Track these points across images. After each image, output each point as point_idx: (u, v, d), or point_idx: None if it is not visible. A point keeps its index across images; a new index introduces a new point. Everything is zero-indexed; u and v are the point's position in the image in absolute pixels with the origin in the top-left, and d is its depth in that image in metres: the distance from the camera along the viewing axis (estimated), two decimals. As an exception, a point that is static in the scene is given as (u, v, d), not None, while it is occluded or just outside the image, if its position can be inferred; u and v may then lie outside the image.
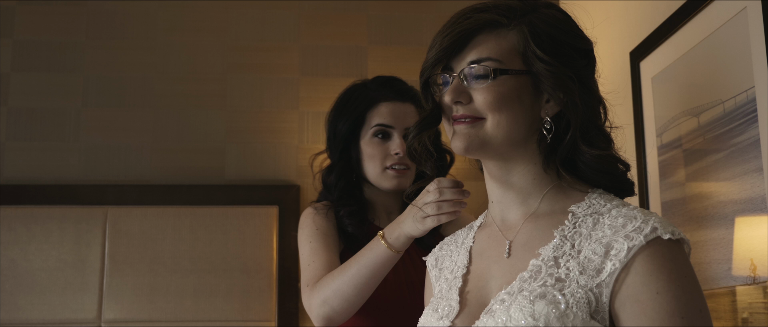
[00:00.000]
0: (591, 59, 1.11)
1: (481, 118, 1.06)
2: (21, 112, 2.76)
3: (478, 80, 1.06)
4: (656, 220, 0.99)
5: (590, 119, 1.07)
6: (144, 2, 2.86)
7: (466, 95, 1.06)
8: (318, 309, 1.59)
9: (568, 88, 1.05)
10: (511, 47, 1.06)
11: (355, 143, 1.79)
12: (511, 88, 1.05)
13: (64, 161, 2.74)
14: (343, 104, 1.82)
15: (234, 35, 2.88)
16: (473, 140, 1.06)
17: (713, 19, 1.66)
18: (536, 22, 1.07)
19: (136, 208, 2.66)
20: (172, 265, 2.62)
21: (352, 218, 1.74)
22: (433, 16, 2.88)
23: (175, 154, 2.78)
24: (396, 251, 1.51)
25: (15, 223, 2.61)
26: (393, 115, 1.75)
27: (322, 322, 1.61)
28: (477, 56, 1.06)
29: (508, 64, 1.05)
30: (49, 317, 2.56)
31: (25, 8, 2.81)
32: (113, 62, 2.82)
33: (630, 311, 0.95)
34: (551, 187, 1.09)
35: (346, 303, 1.57)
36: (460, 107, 1.07)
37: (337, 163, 1.80)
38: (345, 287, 1.55)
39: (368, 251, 1.55)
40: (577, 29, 1.11)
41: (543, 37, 1.06)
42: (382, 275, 1.56)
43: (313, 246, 1.71)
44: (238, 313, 2.60)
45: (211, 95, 2.83)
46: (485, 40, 1.07)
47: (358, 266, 1.55)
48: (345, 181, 1.79)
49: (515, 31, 1.07)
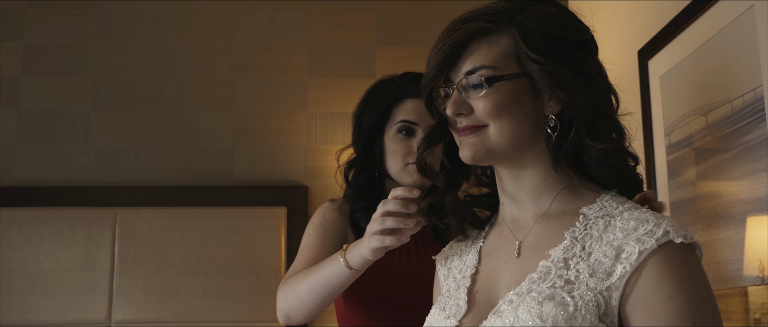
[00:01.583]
0: (590, 49, 1.09)
1: (484, 125, 1.06)
2: (31, 114, 2.77)
3: (475, 90, 1.05)
4: (669, 223, 0.97)
5: (595, 112, 1.05)
6: (152, 5, 2.87)
7: (466, 106, 1.06)
8: (280, 304, 1.58)
9: (567, 85, 1.03)
10: (504, 52, 1.05)
11: (379, 138, 1.77)
12: (508, 93, 1.04)
13: (74, 163, 2.75)
14: (370, 98, 1.80)
15: (242, 37, 2.88)
16: (479, 149, 1.06)
17: (721, 18, 1.66)
18: (526, 21, 1.05)
19: (145, 209, 2.67)
20: (181, 266, 2.63)
21: (366, 213, 1.71)
22: (441, 16, 2.87)
23: (184, 155, 2.79)
24: (353, 269, 1.44)
25: (26, 224, 2.62)
26: (418, 112, 1.73)
27: (282, 318, 1.59)
28: (471, 66, 1.06)
29: (502, 69, 1.04)
30: (60, 318, 2.57)
31: (35, 11, 2.83)
32: (122, 64, 2.83)
33: (640, 315, 0.94)
34: (563, 187, 1.08)
35: (302, 307, 1.54)
36: (463, 119, 1.07)
37: (359, 157, 1.79)
38: (302, 291, 1.53)
39: (328, 263, 1.50)
40: (571, 20, 1.09)
41: (535, 36, 1.04)
42: (339, 289, 1.51)
43: (310, 240, 1.69)
44: (246, 314, 2.61)
45: (219, 97, 2.84)
46: (477, 49, 1.06)
47: (316, 275, 1.51)
48: (366, 175, 1.77)
49: (506, 35, 1.06)
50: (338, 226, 1.72)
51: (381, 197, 1.77)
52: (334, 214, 1.73)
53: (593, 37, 1.11)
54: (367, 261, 1.42)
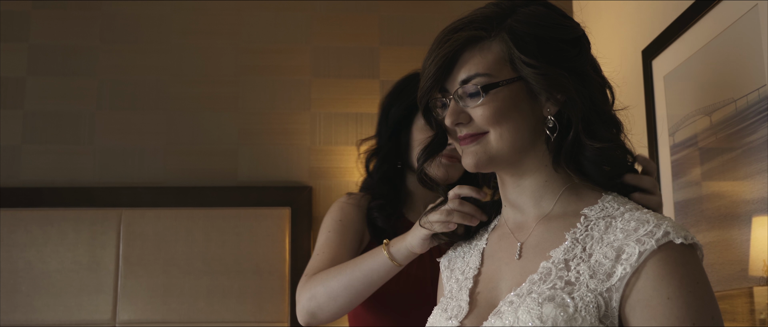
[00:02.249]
0: (583, 45, 1.08)
1: (484, 132, 1.06)
2: (37, 115, 2.78)
3: (472, 98, 1.05)
4: (669, 224, 0.97)
5: (592, 109, 1.05)
6: (157, 6, 2.88)
7: (464, 115, 1.06)
8: (305, 302, 1.55)
9: (562, 86, 1.03)
10: (497, 58, 1.04)
11: (406, 129, 1.75)
12: (505, 99, 1.04)
13: (79, 164, 2.76)
14: (400, 89, 1.79)
15: (246, 37, 2.89)
16: (481, 157, 1.06)
17: (725, 17, 1.65)
18: (516, 25, 1.05)
19: (149, 210, 2.68)
20: (186, 267, 2.64)
21: (382, 211, 1.70)
22: (445, 16, 2.86)
23: (189, 156, 2.80)
24: (397, 263, 1.45)
25: (31, 225, 2.63)
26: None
27: (306, 317, 1.56)
28: (466, 75, 1.05)
29: (497, 75, 1.04)
30: (65, 318, 2.58)
31: (40, 13, 2.84)
32: (127, 65, 2.84)
33: (640, 316, 0.94)
34: (565, 189, 1.08)
35: (334, 304, 1.52)
36: (463, 128, 1.07)
37: (383, 147, 1.77)
38: (337, 288, 1.51)
39: (369, 257, 1.50)
40: (562, 19, 1.08)
41: (526, 39, 1.03)
42: (377, 285, 1.50)
43: (330, 236, 1.66)
44: (250, 314, 2.61)
45: (223, 97, 2.84)
46: (470, 57, 1.05)
47: (355, 270, 1.50)
48: (388, 166, 1.75)
49: (497, 41, 1.05)
50: (356, 222, 1.70)
51: (399, 192, 1.76)
52: (352, 209, 1.71)
53: (585, 33, 1.10)
54: (412, 254, 1.41)
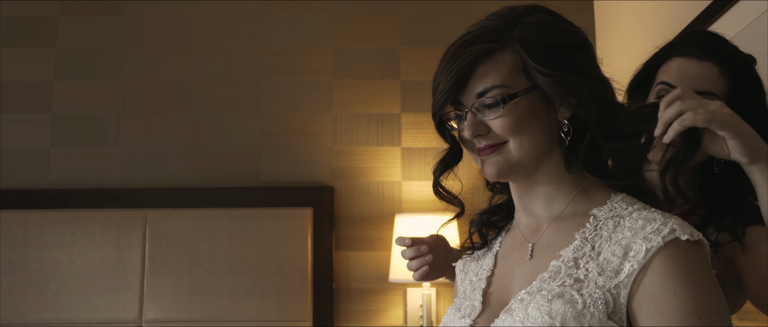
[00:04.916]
0: (588, 49, 1.10)
1: (504, 142, 1.07)
2: (64, 119, 2.84)
3: (490, 110, 1.06)
4: (676, 221, 0.98)
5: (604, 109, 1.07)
6: (180, 9, 2.92)
7: (483, 127, 1.07)
8: None
9: (576, 92, 1.05)
10: (511, 68, 1.06)
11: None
12: (524, 108, 1.06)
13: (105, 166, 2.81)
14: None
15: (267, 39, 2.92)
16: (502, 166, 1.08)
17: (743, 16, 1.64)
18: (525, 35, 1.06)
19: (174, 210, 2.72)
20: (210, 266, 2.68)
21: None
22: (465, 16, 2.88)
23: (212, 157, 2.84)
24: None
25: (60, 226, 2.69)
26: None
27: None
28: (482, 87, 1.06)
29: (513, 86, 1.06)
30: (93, 317, 2.63)
31: (67, 18, 2.90)
32: (151, 69, 2.89)
33: (647, 311, 0.95)
34: (577, 192, 1.10)
35: None
36: (482, 139, 1.09)
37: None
38: None
39: None
40: (566, 25, 1.10)
41: (536, 47, 1.05)
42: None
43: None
44: (273, 314, 2.64)
45: (246, 99, 2.88)
46: (485, 70, 1.06)
47: None
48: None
49: (509, 51, 1.06)
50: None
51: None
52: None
53: (587, 37, 1.12)
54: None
